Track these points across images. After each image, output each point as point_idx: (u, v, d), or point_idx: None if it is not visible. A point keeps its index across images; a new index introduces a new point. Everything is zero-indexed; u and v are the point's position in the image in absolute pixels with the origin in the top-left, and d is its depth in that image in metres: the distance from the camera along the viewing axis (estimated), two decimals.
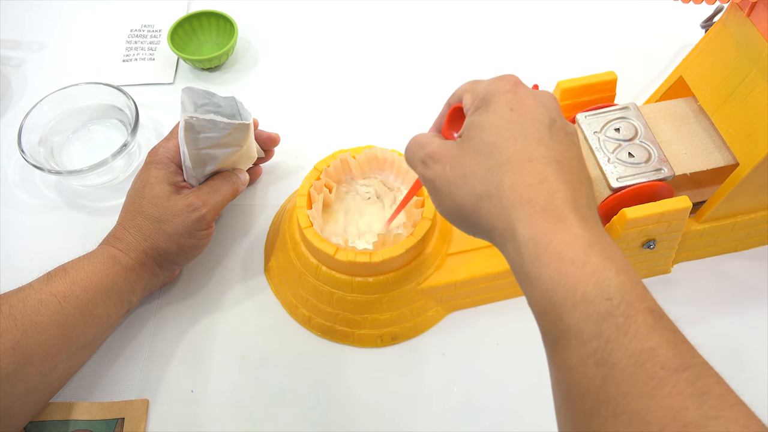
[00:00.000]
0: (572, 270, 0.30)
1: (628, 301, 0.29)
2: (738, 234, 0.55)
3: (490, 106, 0.36)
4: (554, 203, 0.32)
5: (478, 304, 0.54)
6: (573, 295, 0.30)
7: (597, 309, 0.29)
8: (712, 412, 0.26)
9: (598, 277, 0.30)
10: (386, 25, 0.75)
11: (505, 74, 0.38)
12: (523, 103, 0.36)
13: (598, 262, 0.30)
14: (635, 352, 0.28)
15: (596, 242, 0.31)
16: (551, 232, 0.31)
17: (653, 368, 0.27)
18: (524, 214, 0.32)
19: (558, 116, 0.36)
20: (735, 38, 0.48)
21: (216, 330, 0.53)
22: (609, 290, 0.29)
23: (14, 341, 0.42)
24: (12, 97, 0.69)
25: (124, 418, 0.48)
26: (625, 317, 0.29)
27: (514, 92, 0.36)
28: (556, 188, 0.33)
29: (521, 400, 0.49)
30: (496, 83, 0.37)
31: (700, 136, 0.52)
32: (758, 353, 0.51)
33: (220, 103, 0.51)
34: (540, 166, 0.33)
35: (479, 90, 0.37)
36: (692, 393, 0.26)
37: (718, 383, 0.27)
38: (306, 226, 0.50)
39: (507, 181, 0.33)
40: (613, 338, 0.28)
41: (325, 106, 0.68)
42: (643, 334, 0.28)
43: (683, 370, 0.27)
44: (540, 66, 0.71)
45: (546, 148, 0.34)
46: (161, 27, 0.74)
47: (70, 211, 0.61)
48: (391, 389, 0.50)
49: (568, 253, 0.31)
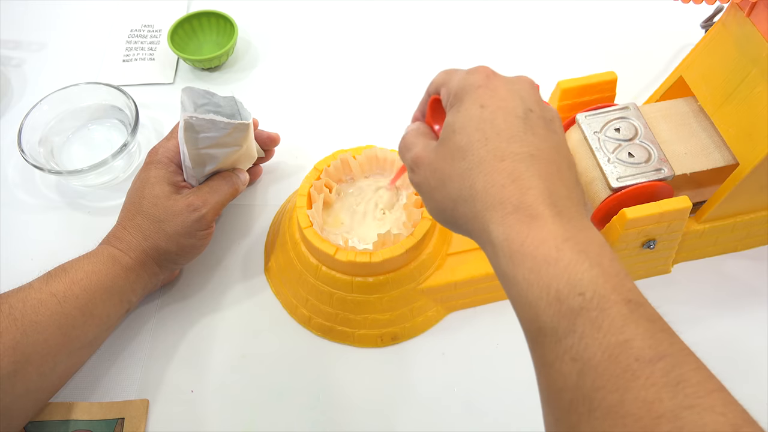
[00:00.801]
0: (545, 268, 0.30)
1: (601, 294, 0.29)
2: (738, 234, 0.55)
3: (462, 105, 0.35)
4: (527, 201, 0.32)
5: (478, 304, 0.54)
6: (547, 294, 0.29)
7: (570, 305, 0.29)
8: (687, 401, 0.25)
9: (570, 273, 0.29)
10: (386, 24, 0.75)
11: (478, 66, 0.37)
12: (495, 96, 0.35)
13: (570, 257, 0.30)
14: (609, 346, 0.27)
15: (570, 236, 0.31)
16: (524, 231, 0.31)
17: (627, 361, 0.27)
18: (497, 216, 0.32)
19: (535, 104, 0.35)
20: (735, 38, 0.48)
21: (216, 330, 0.53)
22: (581, 285, 0.29)
23: (14, 341, 0.42)
24: (12, 97, 0.69)
25: (124, 418, 0.48)
26: (599, 311, 0.28)
27: (486, 86, 0.35)
28: (529, 185, 0.32)
29: (521, 400, 0.49)
30: (468, 78, 0.36)
31: (700, 136, 0.52)
32: (758, 353, 0.51)
33: (219, 103, 0.51)
34: (512, 165, 0.33)
35: (452, 86, 0.37)
36: (667, 383, 0.26)
37: (697, 370, 0.27)
38: (306, 226, 0.50)
39: (479, 183, 0.33)
40: (587, 333, 0.28)
41: (325, 106, 0.68)
42: (617, 327, 0.28)
43: (658, 360, 0.27)
44: (540, 66, 0.71)
45: (519, 143, 0.34)
46: (161, 27, 0.74)
47: (70, 211, 0.61)
48: (391, 389, 0.50)
49: (541, 250, 0.30)
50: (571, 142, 0.54)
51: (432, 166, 0.36)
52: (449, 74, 0.38)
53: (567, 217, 0.32)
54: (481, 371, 0.51)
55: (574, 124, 0.53)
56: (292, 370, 0.51)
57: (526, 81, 0.37)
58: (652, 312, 0.29)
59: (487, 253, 0.34)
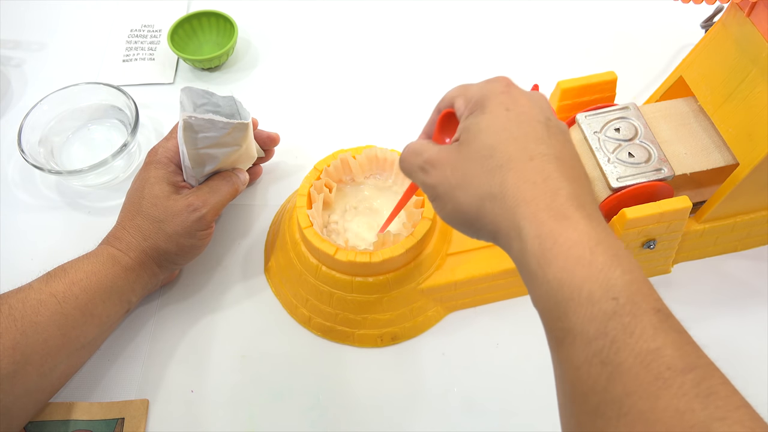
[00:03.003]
0: (578, 268, 0.30)
1: (635, 300, 0.29)
2: (738, 234, 0.55)
3: (486, 108, 0.36)
4: (559, 200, 0.32)
5: (478, 304, 0.54)
6: (579, 294, 0.29)
7: (603, 308, 0.29)
8: (718, 414, 0.26)
9: (604, 276, 0.29)
10: (386, 25, 0.75)
11: (497, 76, 0.38)
12: (517, 103, 0.36)
13: (604, 260, 0.30)
14: (641, 352, 0.28)
15: (602, 240, 0.31)
16: (557, 230, 0.31)
17: (659, 369, 0.27)
18: (529, 212, 0.32)
19: (552, 115, 0.37)
20: (735, 38, 0.48)
21: (216, 330, 0.53)
22: (615, 289, 0.29)
23: (14, 341, 0.42)
24: (12, 97, 0.69)
25: (124, 418, 0.48)
26: (632, 317, 0.28)
27: (508, 93, 0.36)
28: (560, 185, 0.33)
29: (521, 400, 0.49)
30: (489, 85, 0.37)
31: (700, 136, 0.51)
32: (758, 353, 0.51)
33: (219, 103, 0.51)
34: (542, 164, 0.33)
35: (472, 93, 0.37)
36: (698, 394, 0.26)
37: (724, 384, 0.27)
38: (306, 226, 0.50)
39: (510, 180, 0.33)
40: (619, 338, 0.28)
41: (325, 106, 0.68)
42: (649, 334, 0.28)
43: (689, 371, 0.27)
44: (540, 66, 0.71)
45: (546, 145, 0.34)
46: (161, 27, 0.74)
47: (70, 211, 0.61)
48: (391, 389, 0.50)
49: (575, 251, 0.30)
50: None
51: (454, 164, 0.36)
52: (464, 87, 0.39)
53: (596, 220, 0.32)
54: (481, 371, 0.51)
55: (574, 124, 0.53)
56: (292, 370, 0.51)
57: (541, 94, 0.38)
58: (679, 324, 0.30)
59: (512, 251, 0.34)
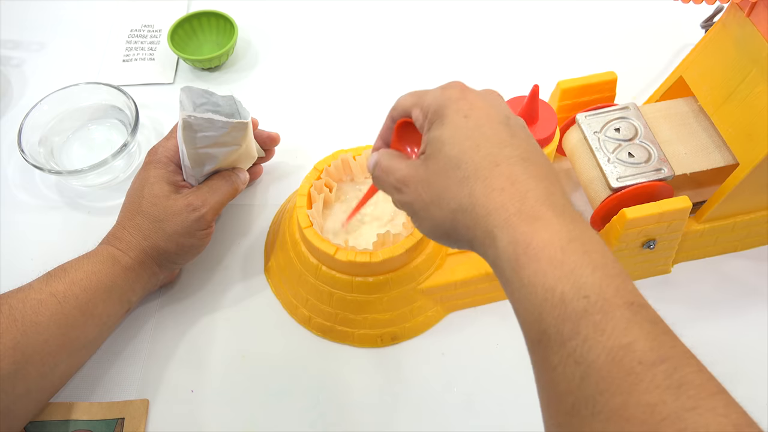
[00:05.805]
0: (550, 269, 0.30)
1: (605, 297, 0.29)
2: (738, 234, 0.55)
3: (445, 118, 0.36)
4: (528, 203, 0.32)
5: (478, 304, 0.54)
6: (552, 295, 0.30)
7: (575, 308, 0.29)
8: (690, 403, 0.26)
9: (575, 276, 0.30)
10: (386, 25, 0.75)
11: (450, 82, 0.38)
12: (475, 107, 0.36)
13: (575, 259, 0.30)
14: (612, 349, 0.28)
15: (575, 237, 0.31)
16: (529, 233, 0.31)
17: (630, 364, 0.27)
18: (500, 220, 0.32)
19: (509, 112, 0.37)
20: (735, 38, 0.48)
21: (216, 330, 0.53)
22: (586, 288, 0.29)
23: (14, 341, 0.42)
24: (12, 97, 0.69)
25: (124, 418, 0.48)
26: (603, 314, 0.28)
27: (465, 99, 0.36)
28: (528, 187, 0.33)
29: (521, 400, 0.49)
30: (445, 93, 0.37)
31: (700, 136, 0.52)
32: (758, 353, 0.51)
33: (218, 102, 0.51)
34: (508, 168, 0.33)
35: (428, 103, 0.37)
36: (669, 386, 0.26)
37: (698, 373, 0.27)
38: (306, 226, 0.50)
39: (478, 190, 0.33)
40: (591, 336, 0.28)
41: (325, 106, 0.68)
42: (620, 330, 0.28)
43: (661, 362, 0.27)
44: (540, 66, 0.71)
45: (510, 147, 0.34)
46: (161, 27, 0.74)
47: (70, 211, 0.61)
48: (390, 389, 0.50)
49: (546, 252, 0.30)
50: (571, 142, 0.54)
51: (423, 181, 0.36)
52: (418, 95, 0.38)
53: (569, 217, 0.32)
54: (481, 371, 0.51)
55: (574, 124, 0.53)
56: (292, 370, 0.51)
57: (495, 93, 0.38)
58: (654, 314, 0.30)
59: (489, 259, 0.34)
